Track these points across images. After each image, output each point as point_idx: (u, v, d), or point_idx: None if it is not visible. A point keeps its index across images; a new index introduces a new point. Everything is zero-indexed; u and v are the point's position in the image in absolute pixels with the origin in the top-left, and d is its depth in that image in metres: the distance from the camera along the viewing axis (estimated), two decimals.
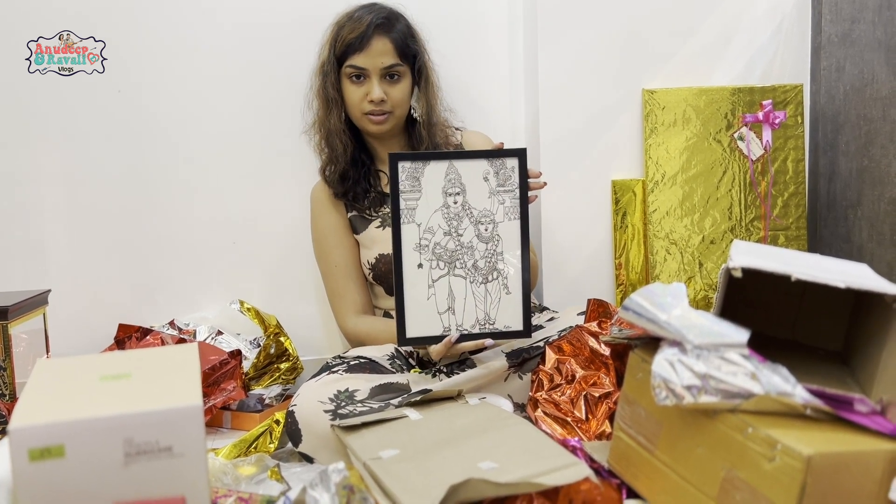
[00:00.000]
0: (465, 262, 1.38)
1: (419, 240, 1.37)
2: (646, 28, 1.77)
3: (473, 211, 1.38)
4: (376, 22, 1.55)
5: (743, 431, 0.90)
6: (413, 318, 1.36)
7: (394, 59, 1.55)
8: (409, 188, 1.36)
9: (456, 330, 1.37)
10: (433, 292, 1.37)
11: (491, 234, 1.39)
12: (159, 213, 1.79)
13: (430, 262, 1.37)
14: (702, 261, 1.77)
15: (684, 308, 0.99)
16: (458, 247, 1.38)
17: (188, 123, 1.78)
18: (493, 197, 1.39)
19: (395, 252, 1.36)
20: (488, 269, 1.39)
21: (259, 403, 1.60)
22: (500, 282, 1.39)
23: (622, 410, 1.10)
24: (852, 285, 0.98)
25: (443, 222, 1.38)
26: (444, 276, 1.38)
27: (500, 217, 1.39)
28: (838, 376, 1.09)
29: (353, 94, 1.57)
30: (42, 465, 0.82)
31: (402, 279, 1.36)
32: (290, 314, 1.80)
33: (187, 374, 0.95)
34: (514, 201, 1.39)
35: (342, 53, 1.56)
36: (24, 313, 1.52)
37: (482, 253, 1.38)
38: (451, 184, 1.38)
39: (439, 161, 1.38)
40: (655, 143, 1.77)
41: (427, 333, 1.37)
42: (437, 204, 1.38)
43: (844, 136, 1.76)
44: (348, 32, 1.55)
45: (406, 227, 1.37)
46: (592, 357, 1.37)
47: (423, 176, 1.37)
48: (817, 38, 1.81)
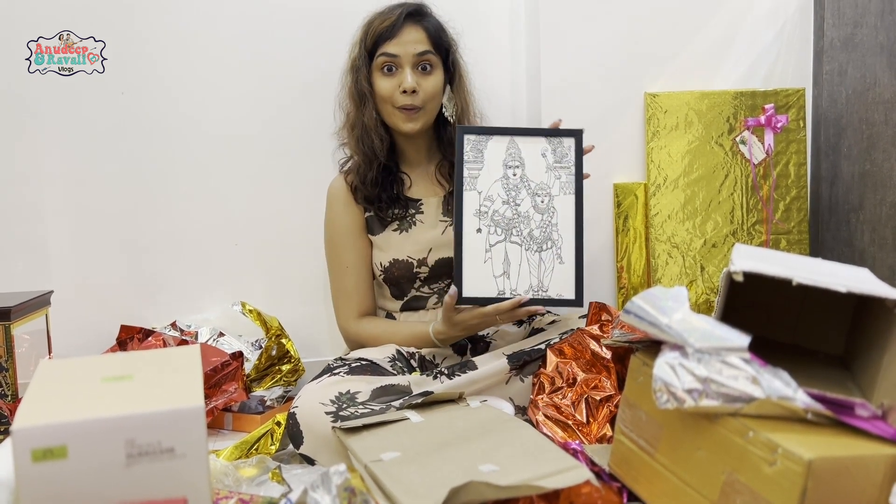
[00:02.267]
0: (521, 231, 1.44)
1: (479, 206, 1.44)
2: (648, 31, 1.78)
3: (531, 183, 1.46)
4: (408, 11, 1.55)
5: (744, 435, 0.90)
6: (470, 279, 1.43)
7: (426, 46, 1.54)
8: (472, 159, 1.46)
9: (511, 293, 1.42)
10: (489, 256, 1.43)
11: (547, 206, 1.45)
12: (161, 214, 1.79)
13: (489, 227, 1.44)
14: (703, 264, 1.78)
15: (686, 312, 1.00)
16: (515, 215, 1.44)
17: (190, 124, 1.79)
18: (550, 172, 1.46)
19: (457, 217, 1.44)
20: (543, 239, 1.44)
21: (260, 405, 1.60)
22: (554, 251, 1.44)
23: (623, 414, 1.10)
24: (853, 289, 0.99)
25: (502, 192, 1.45)
26: (501, 242, 1.44)
27: (556, 191, 1.46)
28: (839, 380, 1.09)
29: (385, 86, 1.54)
30: (45, 466, 0.83)
31: (461, 241, 1.44)
32: (291, 316, 1.80)
33: (189, 375, 0.95)
34: (569, 177, 1.46)
35: (373, 45, 1.54)
36: (27, 314, 1.53)
37: (538, 223, 1.44)
38: (511, 157, 1.46)
39: (501, 136, 1.47)
40: (657, 146, 1.77)
41: (482, 294, 1.43)
42: (497, 174, 1.45)
43: (846, 139, 1.76)
44: (379, 23, 1.54)
45: (468, 194, 1.45)
46: (594, 360, 1.37)
47: (486, 149, 1.46)
48: (819, 42, 1.81)
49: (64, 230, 1.76)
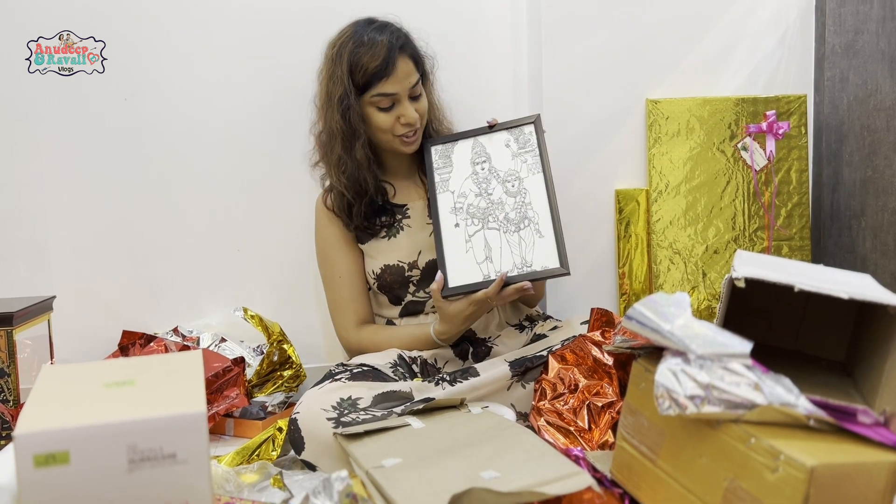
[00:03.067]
0: (497, 216, 1.49)
1: (454, 204, 1.51)
2: (649, 38, 1.78)
3: (500, 172, 1.51)
4: (398, 44, 1.49)
5: (746, 442, 0.90)
6: (454, 271, 1.46)
7: (416, 77, 1.53)
8: (441, 165, 1.54)
9: (496, 275, 1.43)
10: (470, 246, 1.48)
11: (518, 189, 1.49)
12: (163, 219, 1.80)
13: (465, 220, 1.49)
14: (705, 270, 1.77)
15: (687, 318, 1.00)
16: (489, 204, 1.49)
17: (192, 129, 1.79)
18: (516, 158, 1.52)
19: (434, 218, 1.50)
20: (519, 219, 1.47)
21: (262, 411, 1.60)
22: (532, 228, 1.46)
23: (625, 420, 1.10)
24: (855, 296, 0.98)
25: (473, 186, 1.51)
26: (479, 231, 1.48)
27: (525, 173, 1.50)
28: (841, 387, 1.09)
29: (384, 121, 1.51)
30: (47, 472, 0.83)
31: (441, 239, 1.49)
32: (293, 322, 1.80)
33: (191, 381, 0.95)
34: (535, 158, 1.51)
35: (366, 83, 1.48)
36: (29, 319, 1.53)
37: (512, 206, 1.48)
38: (478, 155, 1.53)
39: (465, 140, 1.56)
40: (659, 152, 1.78)
41: (468, 281, 1.45)
42: (466, 172, 1.53)
43: (848, 146, 1.76)
44: (369, 60, 1.47)
45: (441, 196, 1.52)
46: (595, 366, 1.37)
47: (453, 153, 1.55)
48: (821, 49, 1.82)
49: (66, 236, 1.76)
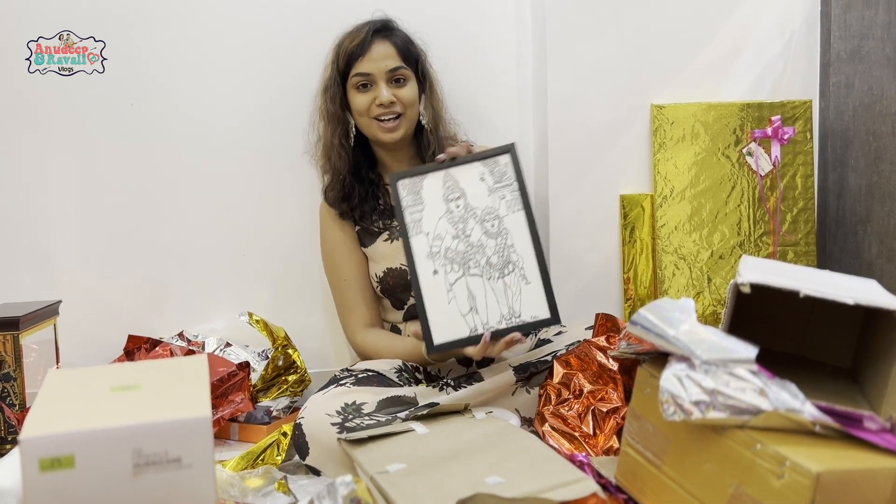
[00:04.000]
0: (478, 261, 1.38)
1: (430, 248, 1.39)
2: (655, 43, 1.78)
3: (476, 211, 1.41)
4: (375, 27, 1.57)
5: (751, 448, 0.90)
6: (437, 325, 1.36)
7: (397, 62, 1.56)
8: (411, 203, 1.40)
9: (483, 328, 1.35)
10: (452, 296, 1.37)
11: (498, 230, 1.40)
12: (169, 224, 1.80)
13: (444, 266, 1.38)
14: (710, 276, 1.77)
15: (692, 323, 0.99)
16: (468, 247, 1.39)
17: (197, 133, 1.79)
18: (493, 194, 1.41)
19: (410, 265, 1.38)
20: (502, 263, 1.38)
21: (267, 416, 1.60)
22: (517, 273, 1.38)
23: (630, 425, 1.10)
24: (861, 302, 0.98)
25: (449, 227, 1.40)
26: (461, 278, 1.38)
27: (504, 211, 1.40)
28: (847, 393, 1.08)
29: (362, 102, 1.56)
30: (52, 476, 0.83)
31: (420, 290, 1.37)
32: (298, 326, 1.80)
33: (197, 385, 0.95)
34: (514, 194, 1.41)
35: (345, 65, 1.57)
36: (35, 324, 1.53)
37: (493, 249, 1.39)
38: (450, 190, 1.41)
39: (435, 172, 1.42)
40: (664, 157, 1.78)
41: (454, 337, 1.36)
42: (440, 211, 1.40)
43: (854, 152, 1.76)
44: (349, 43, 1.56)
45: (415, 239, 1.39)
46: (600, 372, 1.37)
47: (422, 189, 1.41)
48: (826, 55, 1.81)
49: (71, 240, 1.77)
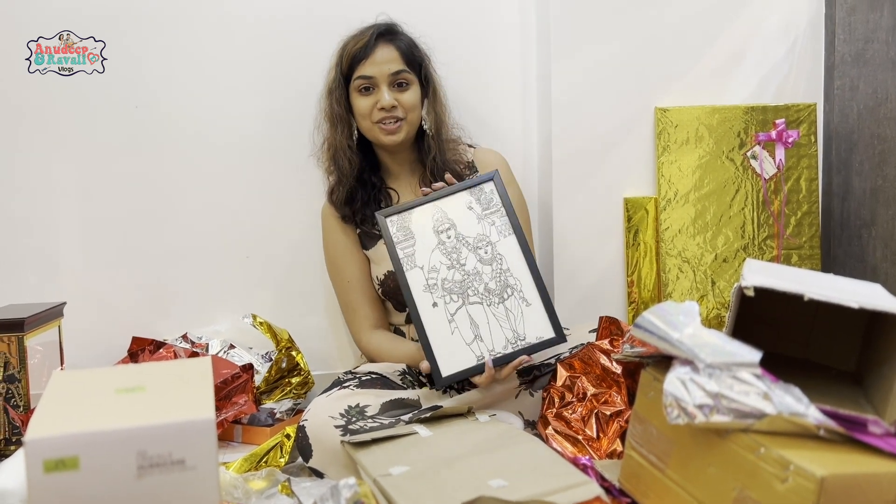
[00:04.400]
0: (476, 289, 1.39)
1: (426, 281, 1.39)
2: (658, 46, 1.78)
3: (468, 239, 1.41)
4: (379, 31, 1.57)
5: (755, 451, 0.89)
6: (444, 357, 1.36)
7: (400, 66, 1.56)
8: (402, 238, 1.41)
9: (490, 355, 1.36)
10: (455, 326, 1.37)
11: (492, 255, 1.40)
12: (173, 226, 1.80)
13: (443, 297, 1.39)
14: (714, 279, 1.77)
15: (696, 327, 0.99)
16: (464, 276, 1.39)
17: (200, 135, 1.79)
18: (483, 221, 1.42)
19: (409, 301, 1.38)
20: (501, 288, 1.39)
21: (270, 418, 1.60)
22: (517, 296, 1.39)
23: (633, 429, 1.09)
24: (865, 305, 0.98)
25: (443, 258, 1.40)
26: (461, 308, 1.38)
27: (495, 237, 1.41)
28: (852, 397, 1.08)
29: (364, 105, 1.57)
30: (56, 477, 0.83)
31: (421, 323, 1.37)
32: (302, 328, 1.80)
33: (201, 387, 0.96)
34: (503, 219, 1.42)
35: (348, 67, 1.57)
36: (40, 325, 1.54)
37: (490, 275, 1.39)
38: (440, 222, 1.42)
39: (422, 206, 1.43)
40: (668, 160, 1.77)
41: (462, 367, 1.36)
42: (432, 244, 1.41)
43: (858, 155, 1.75)
44: (352, 46, 1.57)
45: (411, 274, 1.39)
46: (604, 375, 1.37)
47: (411, 223, 1.42)
48: (831, 58, 1.81)
49: (76, 242, 1.77)
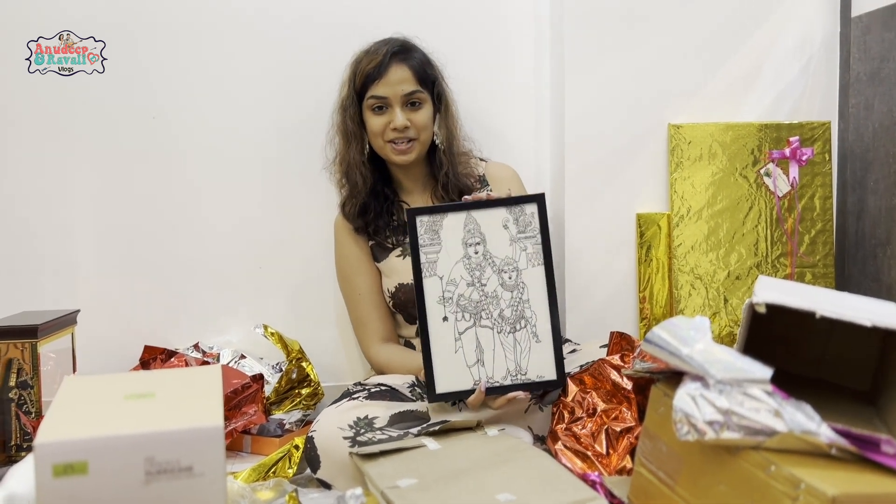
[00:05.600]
0: (490, 313, 1.35)
1: (442, 293, 1.35)
2: (673, 63, 1.78)
3: (495, 260, 1.36)
4: (393, 50, 1.57)
5: (766, 469, 0.88)
6: (442, 373, 1.34)
7: (413, 86, 1.57)
8: (427, 241, 1.35)
9: (487, 382, 1.34)
10: (460, 345, 1.35)
11: (515, 282, 1.36)
12: (186, 236, 1.81)
13: (455, 314, 1.35)
14: (727, 296, 1.76)
15: (707, 342, 0.99)
16: (482, 297, 1.35)
17: (215, 145, 1.80)
18: (515, 244, 1.37)
19: (419, 306, 1.35)
20: (515, 318, 1.35)
21: (279, 428, 1.60)
22: (529, 330, 1.35)
23: (643, 445, 1.09)
24: (879, 324, 0.97)
25: (465, 273, 1.36)
26: (471, 328, 1.35)
27: (524, 264, 1.36)
28: (865, 416, 1.07)
29: (376, 124, 1.58)
30: (65, 481, 0.83)
31: (427, 333, 1.34)
32: (312, 339, 1.80)
33: (210, 395, 0.96)
34: (536, 247, 1.36)
35: (361, 86, 1.58)
36: (53, 332, 1.55)
37: (508, 302, 1.36)
38: (471, 234, 1.36)
39: (457, 213, 1.36)
40: (681, 177, 1.77)
41: (457, 388, 1.34)
42: (457, 255, 1.36)
43: (873, 174, 1.74)
44: (366, 64, 1.57)
45: (428, 281, 1.35)
46: (614, 391, 1.36)
47: (441, 228, 1.36)
48: (846, 76, 1.81)
49: (90, 251, 1.79)
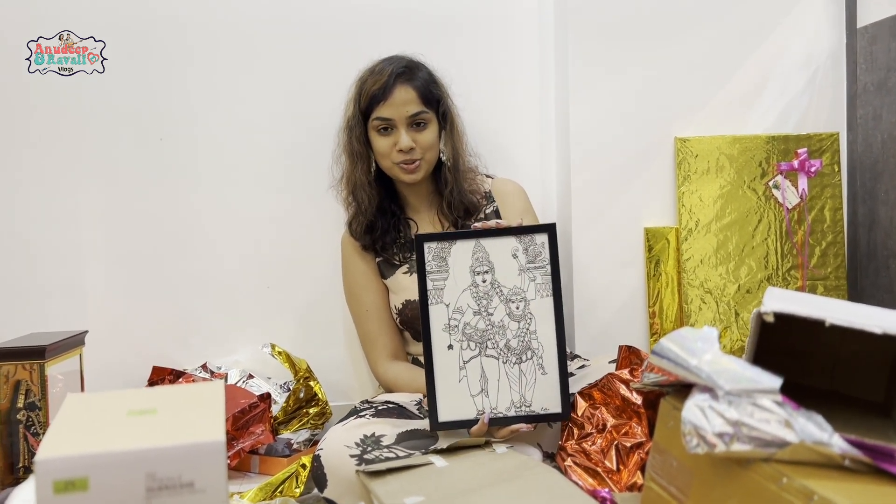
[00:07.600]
0: (496, 343, 1.34)
1: (448, 320, 1.34)
2: (678, 76, 1.78)
3: (503, 289, 1.35)
4: (397, 71, 1.57)
5: (777, 482, 0.86)
6: (445, 402, 1.32)
7: (418, 107, 1.57)
8: (435, 268, 1.34)
9: (490, 412, 1.32)
10: (465, 374, 1.33)
11: (523, 313, 1.34)
12: (194, 257, 1.82)
13: (461, 342, 1.33)
14: (738, 310, 1.74)
15: (715, 353, 0.97)
16: (488, 326, 1.34)
17: (223, 165, 1.81)
18: (524, 274, 1.35)
19: (425, 333, 1.33)
20: (522, 349, 1.34)
21: (287, 448, 1.59)
22: (535, 362, 1.34)
23: (653, 460, 1.07)
24: (889, 331, 0.95)
25: (472, 302, 1.34)
26: (476, 357, 1.34)
27: (532, 294, 1.34)
28: (879, 428, 1.05)
29: (383, 146, 1.59)
30: (66, 498, 0.83)
31: (432, 361, 1.33)
32: (320, 358, 1.79)
33: (211, 410, 0.95)
34: (545, 277, 1.34)
35: (367, 107, 1.58)
36: (62, 353, 1.55)
37: (514, 332, 1.34)
38: (479, 262, 1.35)
39: (466, 240, 1.35)
40: (688, 190, 1.76)
41: (460, 417, 1.32)
42: (465, 283, 1.34)
43: (883, 184, 1.73)
44: (371, 85, 1.58)
45: (434, 308, 1.33)
46: (624, 406, 1.34)
47: (449, 255, 1.34)
48: (853, 87, 1.80)
49: (99, 272, 1.79)
